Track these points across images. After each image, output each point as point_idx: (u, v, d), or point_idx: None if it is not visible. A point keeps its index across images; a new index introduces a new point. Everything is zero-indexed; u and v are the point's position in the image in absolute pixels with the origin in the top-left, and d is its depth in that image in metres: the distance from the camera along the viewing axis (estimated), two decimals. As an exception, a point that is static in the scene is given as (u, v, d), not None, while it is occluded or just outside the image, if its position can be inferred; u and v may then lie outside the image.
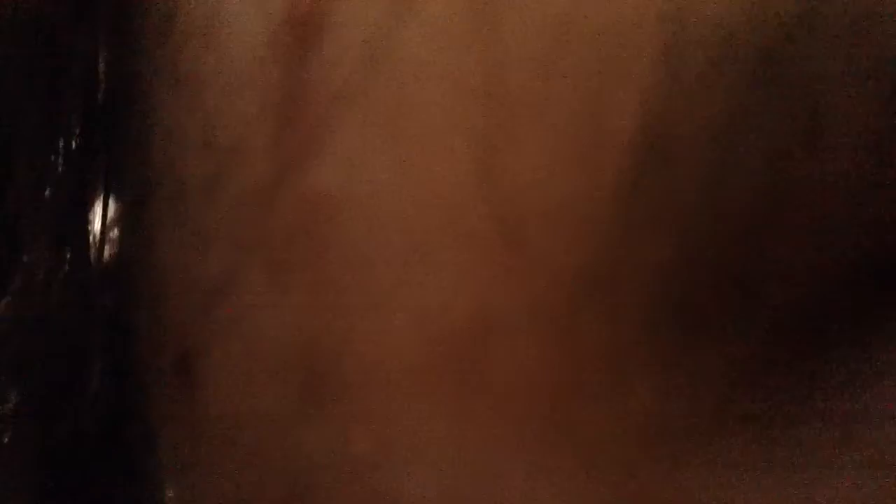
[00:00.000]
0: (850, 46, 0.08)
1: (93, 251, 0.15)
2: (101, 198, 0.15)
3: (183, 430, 0.12)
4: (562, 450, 0.10)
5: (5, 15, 0.13)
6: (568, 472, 0.10)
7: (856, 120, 0.08)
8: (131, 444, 0.16)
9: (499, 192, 0.09)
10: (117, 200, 0.14)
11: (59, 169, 0.14)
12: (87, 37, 0.13)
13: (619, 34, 0.08)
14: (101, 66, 0.14)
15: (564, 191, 0.09)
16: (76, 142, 0.14)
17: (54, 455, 0.14)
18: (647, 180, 0.09)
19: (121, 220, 0.14)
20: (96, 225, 0.15)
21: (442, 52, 0.09)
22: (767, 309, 0.09)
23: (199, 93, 0.11)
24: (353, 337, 0.10)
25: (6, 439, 0.14)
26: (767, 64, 0.08)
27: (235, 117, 0.10)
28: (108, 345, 0.15)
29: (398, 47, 0.09)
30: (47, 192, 0.14)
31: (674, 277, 0.09)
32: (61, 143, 0.14)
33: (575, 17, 0.09)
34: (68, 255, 0.14)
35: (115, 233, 0.15)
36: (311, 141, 0.10)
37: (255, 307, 0.10)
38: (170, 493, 0.13)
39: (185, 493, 0.12)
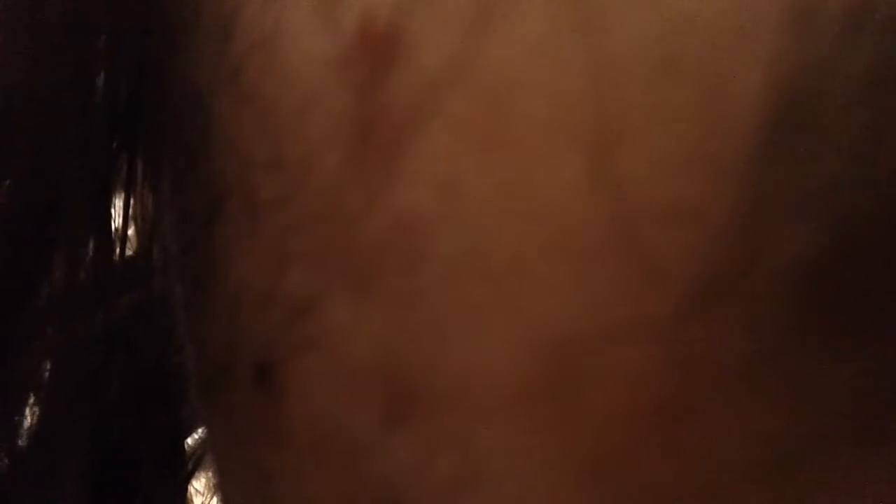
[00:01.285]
0: None
1: (118, 250, 0.14)
2: (127, 199, 0.15)
3: (265, 438, 0.11)
4: (665, 478, 0.09)
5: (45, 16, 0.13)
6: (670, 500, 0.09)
7: None
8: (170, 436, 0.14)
9: (611, 195, 0.09)
10: (153, 203, 0.14)
11: (87, 169, 0.14)
12: (128, 40, 0.13)
13: (735, 12, 0.08)
14: (129, 68, 0.14)
15: (682, 192, 0.08)
16: (104, 143, 0.14)
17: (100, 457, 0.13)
18: (780, 160, 0.08)
19: (157, 221, 0.14)
20: (120, 224, 0.15)
21: (535, 62, 0.09)
22: None
23: (266, 111, 0.11)
24: (443, 354, 0.10)
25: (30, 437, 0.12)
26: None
27: (307, 137, 0.10)
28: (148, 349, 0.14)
29: (485, 62, 0.09)
30: (76, 191, 0.14)
31: (816, 273, 0.08)
32: (91, 145, 0.14)
33: (690, 12, 0.08)
34: (96, 253, 0.14)
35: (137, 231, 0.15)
36: (393, 160, 0.10)
37: (338, 323, 0.10)
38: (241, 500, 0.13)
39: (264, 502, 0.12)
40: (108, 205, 0.14)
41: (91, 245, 0.14)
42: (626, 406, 0.09)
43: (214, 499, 0.16)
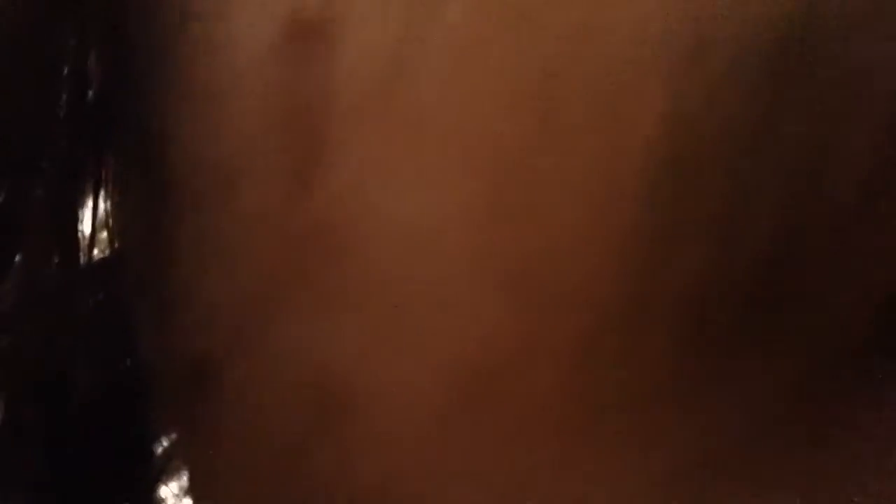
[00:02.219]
0: (856, 43, 0.08)
1: (83, 254, 0.14)
2: (94, 201, 0.15)
3: (199, 436, 0.12)
4: (581, 497, 0.09)
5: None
6: None
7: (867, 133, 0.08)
8: (136, 441, 0.14)
9: (511, 230, 0.09)
10: (118, 206, 0.14)
11: (53, 171, 0.14)
12: (79, 39, 0.13)
13: (636, 39, 0.08)
14: (96, 69, 0.14)
15: (587, 205, 0.09)
16: (70, 144, 0.14)
17: (50, 450, 0.13)
18: (671, 189, 0.08)
19: (122, 224, 0.14)
20: (86, 227, 0.15)
21: (464, 61, 0.09)
22: (798, 331, 0.09)
23: (208, 104, 0.10)
24: (366, 365, 0.10)
25: None
26: (785, 60, 0.08)
27: (244, 129, 0.10)
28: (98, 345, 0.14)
29: (417, 58, 0.09)
30: (39, 193, 0.14)
31: (701, 296, 0.09)
32: (56, 145, 0.14)
33: (591, 22, 0.08)
34: (61, 257, 0.14)
35: (104, 235, 0.15)
36: (319, 160, 0.10)
37: (272, 326, 0.10)
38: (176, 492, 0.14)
39: (200, 494, 0.12)
40: (73, 207, 0.14)
41: (54, 247, 0.14)
42: (528, 426, 0.09)
43: (185, 500, 0.16)
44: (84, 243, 0.14)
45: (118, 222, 0.15)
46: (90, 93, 0.14)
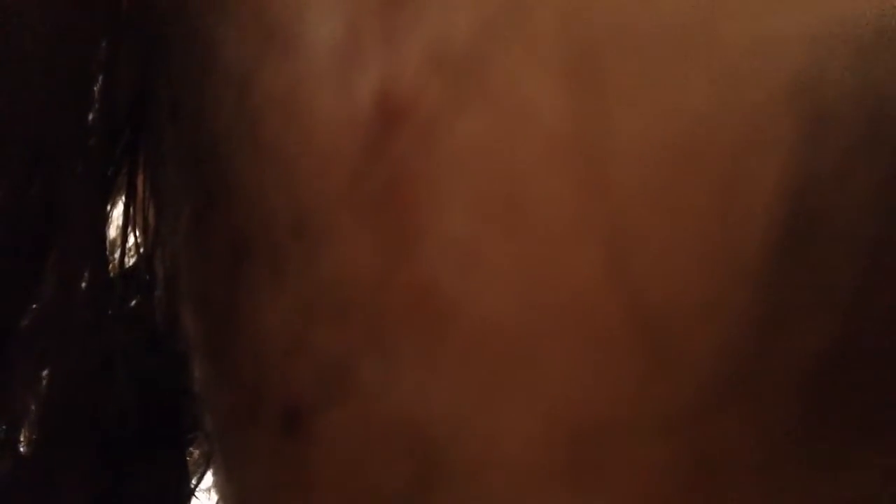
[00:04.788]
0: None
1: (114, 260, 0.14)
2: (126, 209, 0.15)
3: (290, 485, 0.11)
4: None
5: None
6: None
7: None
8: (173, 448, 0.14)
9: (629, 288, 0.09)
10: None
11: (83, 175, 0.14)
12: (110, 42, 0.13)
13: (752, 123, 0.08)
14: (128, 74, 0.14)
15: (698, 289, 0.09)
16: (100, 150, 0.14)
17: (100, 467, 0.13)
18: (792, 265, 0.08)
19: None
20: (116, 232, 0.15)
21: (549, 148, 0.09)
22: None
23: (285, 168, 0.11)
24: (466, 426, 0.10)
25: (31, 449, 0.12)
26: None
27: (325, 199, 0.10)
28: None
29: (502, 142, 0.09)
30: (69, 195, 0.14)
31: (830, 371, 0.08)
32: (86, 150, 0.14)
33: (706, 112, 0.08)
34: (92, 262, 0.14)
35: (132, 241, 0.15)
36: (411, 231, 0.10)
37: (367, 382, 0.10)
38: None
39: None
40: (103, 215, 0.14)
41: (87, 256, 0.14)
42: (642, 492, 0.09)
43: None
44: (117, 251, 0.14)
45: (155, 232, 0.15)
46: (120, 100, 0.14)
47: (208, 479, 0.16)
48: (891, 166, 0.08)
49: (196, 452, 0.16)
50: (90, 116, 0.14)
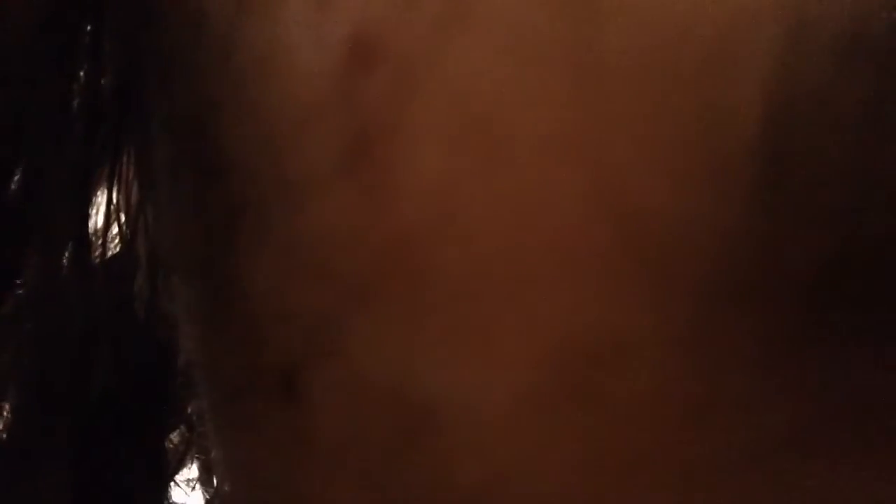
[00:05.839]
0: None
1: (96, 247, 0.14)
2: (108, 195, 0.15)
3: (292, 446, 0.11)
4: (694, 469, 0.09)
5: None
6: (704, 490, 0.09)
7: None
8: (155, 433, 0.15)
9: (620, 213, 0.09)
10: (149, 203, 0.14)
11: (65, 162, 0.14)
12: (93, 30, 0.13)
13: (734, 33, 0.08)
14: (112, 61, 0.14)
15: (687, 204, 0.09)
16: (84, 136, 0.14)
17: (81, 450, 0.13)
18: (781, 178, 0.08)
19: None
20: (100, 220, 0.15)
21: (525, 76, 0.09)
22: None
23: (267, 127, 0.11)
24: (459, 369, 0.10)
25: (10, 434, 0.12)
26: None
27: (306, 153, 0.10)
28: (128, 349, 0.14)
29: (470, 72, 0.09)
30: (52, 183, 0.14)
31: (828, 283, 0.08)
32: (70, 137, 0.14)
33: (685, 20, 0.08)
34: (73, 249, 0.14)
35: (115, 230, 0.15)
36: (390, 177, 0.10)
37: (353, 337, 0.10)
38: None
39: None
40: (86, 201, 0.14)
41: (69, 242, 0.14)
42: (648, 409, 0.09)
43: (195, 492, 0.16)
44: (98, 236, 0.14)
45: (137, 214, 0.15)
46: (105, 85, 0.14)
47: (189, 471, 0.16)
48: (874, 83, 0.08)
49: (176, 439, 0.16)
50: (74, 103, 0.14)
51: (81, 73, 0.14)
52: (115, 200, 0.15)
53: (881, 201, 0.08)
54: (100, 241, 0.15)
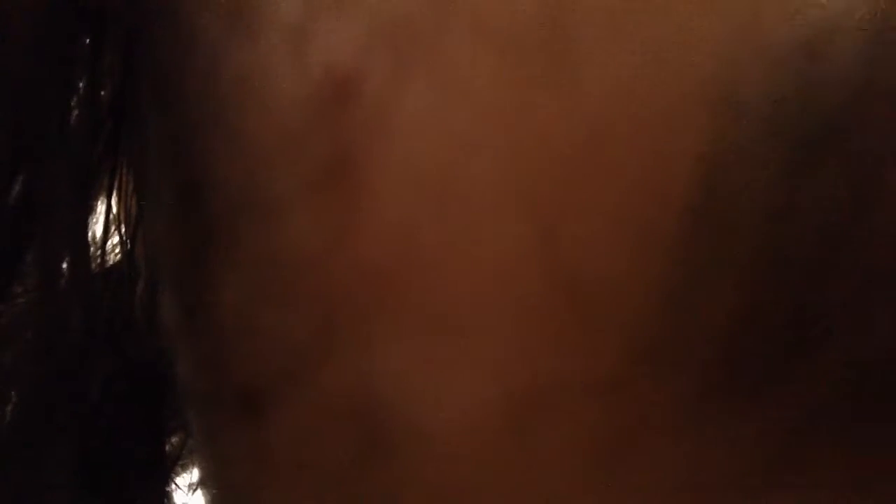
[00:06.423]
0: None
1: (96, 255, 0.15)
2: (108, 204, 0.15)
3: (250, 462, 0.12)
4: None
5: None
6: None
7: None
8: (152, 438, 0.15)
9: (555, 260, 0.09)
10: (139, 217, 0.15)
11: (64, 170, 0.14)
12: (93, 39, 0.13)
13: (673, 98, 0.09)
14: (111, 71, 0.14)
15: (620, 253, 0.09)
16: (82, 145, 0.14)
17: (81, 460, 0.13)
18: (705, 239, 0.09)
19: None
20: (99, 229, 0.15)
21: (485, 123, 0.09)
22: (829, 366, 0.09)
23: (245, 148, 0.11)
24: (411, 399, 0.10)
25: (10, 442, 0.13)
26: (822, 133, 0.08)
27: (280, 177, 0.10)
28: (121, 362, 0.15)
29: (431, 116, 0.09)
30: (51, 191, 0.14)
31: (741, 330, 0.09)
32: (68, 145, 0.14)
33: (628, 83, 0.09)
34: (73, 257, 0.14)
35: (116, 239, 0.15)
36: (357, 207, 0.10)
37: (312, 360, 0.11)
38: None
39: None
40: (86, 211, 0.14)
41: (69, 251, 0.14)
42: (577, 448, 0.10)
43: (195, 496, 0.16)
44: (98, 246, 0.15)
45: (136, 224, 0.15)
46: (104, 95, 0.14)
47: (190, 474, 0.16)
48: (789, 158, 0.09)
49: (175, 442, 0.16)
50: (73, 113, 0.14)
51: (80, 84, 0.14)
52: (114, 210, 0.15)
53: (794, 245, 0.09)
54: (99, 251, 0.15)
